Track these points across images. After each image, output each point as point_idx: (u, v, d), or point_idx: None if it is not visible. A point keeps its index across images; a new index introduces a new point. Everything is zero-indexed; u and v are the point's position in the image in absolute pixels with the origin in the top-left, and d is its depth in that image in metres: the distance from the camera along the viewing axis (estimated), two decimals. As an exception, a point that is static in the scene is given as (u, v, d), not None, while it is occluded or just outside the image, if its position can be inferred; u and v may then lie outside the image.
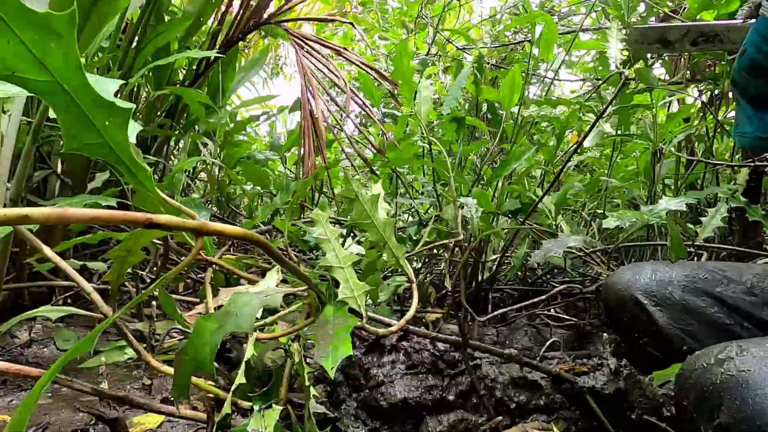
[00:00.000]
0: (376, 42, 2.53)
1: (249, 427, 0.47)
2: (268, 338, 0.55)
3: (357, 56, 1.36)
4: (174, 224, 0.29)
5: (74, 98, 0.29)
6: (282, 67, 4.09)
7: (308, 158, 1.15)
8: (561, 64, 1.46)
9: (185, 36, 1.35)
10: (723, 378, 0.34)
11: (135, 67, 1.16)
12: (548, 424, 0.60)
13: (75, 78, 0.28)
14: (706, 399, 0.35)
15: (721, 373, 0.35)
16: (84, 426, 0.61)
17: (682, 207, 0.87)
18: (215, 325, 0.43)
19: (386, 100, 1.82)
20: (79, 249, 1.11)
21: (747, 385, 0.32)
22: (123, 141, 0.31)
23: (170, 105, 1.43)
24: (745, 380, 0.33)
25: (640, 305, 0.66)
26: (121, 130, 0.31)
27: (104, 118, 0.30)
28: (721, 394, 0.34)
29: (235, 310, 0.45)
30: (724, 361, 0.35)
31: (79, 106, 0.29)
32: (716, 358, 0.36)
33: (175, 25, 1.19)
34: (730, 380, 0.34)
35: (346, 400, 0.65)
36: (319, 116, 1.20)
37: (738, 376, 0.33)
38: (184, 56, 1.13)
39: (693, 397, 0.37)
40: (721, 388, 0.34)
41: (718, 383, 0.34)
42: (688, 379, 0.39)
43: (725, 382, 0.34)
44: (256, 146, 2.13)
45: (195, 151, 1.52)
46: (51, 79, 0.27)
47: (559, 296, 1.33)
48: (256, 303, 0.47)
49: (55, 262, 0.51)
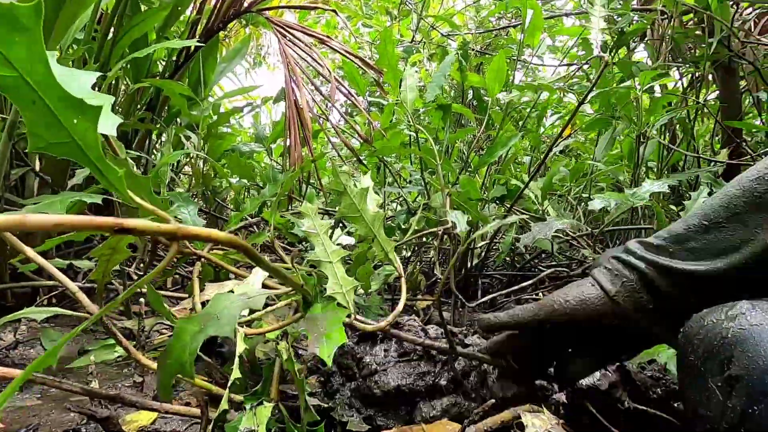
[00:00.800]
0: (359, 30, 2.50)
1: (241, 426, 0.47)
2: (255, 334, 0.54)
3: (341, 44, 1.34)
4: (146, 229, 0.27)
5: (39, 94, 0.27)
6: (265, 57, 4.02)
7: (294, 149, 1.14)
8: (545, 49, 1.46)
9: (163, 26, 1.32)
10: (734, 332, 0.35)
11: (112, 60, 1.12)
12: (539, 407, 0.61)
13: (40, 73, 0.26)
14: (715, 353, 0.36)
15: (732, 327, 0.35)
16: (75, 426, 0.61)
17: (665, 189, 0.88)
18: (195, 327, 0.42)
19: (372, 89, 1.81)
20: (62, 248, 1.09)
21: (760, 338, 0.33)
22: (92, 141, 0.29)
23: (150, 98, 1.39)
24: (758, 333, 0.34)
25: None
26: (91, 128, 0.29)
27: (72, 116, 0.28)
28: (732, 347, 0.34)
29: (216, 313, 0.44)
30: (735, 317, 0.36)
31: (45, 102, 0.27)
32: (726, 315, 0.37)
33: (152, 14, 1.15)
34: (743, 333, 0.34)
35: (340, 390, 0.65)
36: (304, 106, 1.18)
37: (750, 330, 0.34)
38: (163, 46, 1.11)
39: (702, 352, 0.37)
40: (733, 341, 0.35)
41: (729, 337, 0.35)
42: (696, 335, 0.39)
43: (736, 335, 0.35)
44: (241, 138, 2.10)
45: (178, 144, 1.49)
46: (15, 74, 0.26)
47: (546, 280, 1.35)
48: (237, 305, 0.46)
49: (38, 263, 0.49)
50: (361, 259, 0.77)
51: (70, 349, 0.85)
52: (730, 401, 0.34)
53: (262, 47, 4.02)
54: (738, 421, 0.33)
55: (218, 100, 1.66)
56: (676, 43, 1.36)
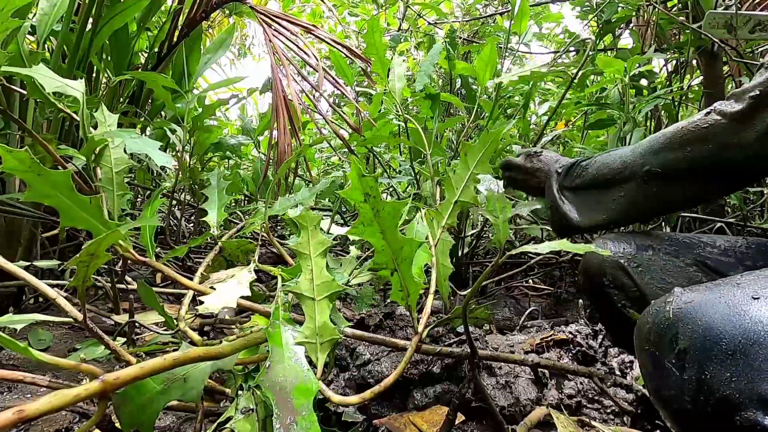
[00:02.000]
0: (345, 18, 2.47)
1: (239, 405, 0.46)
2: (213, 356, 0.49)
3: (327, 34, 1.32)
4: (60, 405, 0.27)
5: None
6: (250, 48, 3.96)
7: (283, 138, 1.12)
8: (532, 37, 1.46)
9: (144, 16, 1.28)
10: (674, 312, 0.40)
11: (92, 52, 1.09)
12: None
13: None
14: (664, 334, 0.40)
15: (671, 309, 0.40)
16: (68, 424, 0.60)
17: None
18: (160, 386, 0.40)
19: (360, 79, 1.79)
20: (47, 245, 1.07)
21: (694, 311, 0.38)
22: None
23: (133, 91, 1.36)
24: (692, 308, 0.38)
25: (622, 268, 0.68)
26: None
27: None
28: (675, 325, 0.39)
29: (183, 374, 0.41)
30: (672, 301, 0.41)
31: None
32: (665, 301, 0.42)
33: (133, 4, 1.12)
34: (681, 311, 0.39)
35: (334, 381, 0.65)
36: (293, 97, 1.17)
37: (685, 307, 0.39)
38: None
39: (653, 339, 0.41)
40: (674, 319, 0.39)
41: (671, 317, 0.40)
42: (645, 324, 0.43)
43: (676, 314, 0.39)
44: (228, 131, 2.07)
45: (163, 138, 1.46)
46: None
47: (536, 267, 1.37)
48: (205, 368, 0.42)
49: (12, 272, 0.47)
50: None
51: (59, 347, 0.83)
52: (685, 374, 0.37)
53: (247, 38, 3.95)
54: (696, 390, 0.36)
55: (203, 92, 1.63)
56: (661, 29, 1.37)
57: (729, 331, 0.35)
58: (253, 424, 0.44)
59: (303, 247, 0.47)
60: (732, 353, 0.34)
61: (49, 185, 0.45)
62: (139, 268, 1.35)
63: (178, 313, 0.60)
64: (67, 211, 0.47)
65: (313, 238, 0.47)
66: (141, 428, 0.39)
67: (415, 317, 0.48)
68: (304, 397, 0.37)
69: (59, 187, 0.46)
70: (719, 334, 0.35)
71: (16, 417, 0.25)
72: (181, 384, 0.41)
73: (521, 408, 0.60)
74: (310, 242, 0.47)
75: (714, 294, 0.39)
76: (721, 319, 0.36)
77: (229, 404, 0.52)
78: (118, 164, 0.65)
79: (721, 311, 0.36)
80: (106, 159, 0.65)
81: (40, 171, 0.44)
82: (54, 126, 1.02)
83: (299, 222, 0.48)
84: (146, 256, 0.56)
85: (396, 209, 0.43)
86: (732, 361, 0.34)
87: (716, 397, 0.34)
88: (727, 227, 1.22)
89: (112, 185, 0.63)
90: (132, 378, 0.32)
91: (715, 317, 0.36)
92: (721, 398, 0.34)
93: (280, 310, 0.44)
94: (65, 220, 0.48)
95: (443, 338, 0.71)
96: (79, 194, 0.47)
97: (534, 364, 0.60)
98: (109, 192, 0.62)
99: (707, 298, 0.38)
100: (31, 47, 1.01)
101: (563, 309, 1.17)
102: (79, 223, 0.48)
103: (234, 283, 0.56)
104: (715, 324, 0.36)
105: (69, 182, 0.47)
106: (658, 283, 0.66)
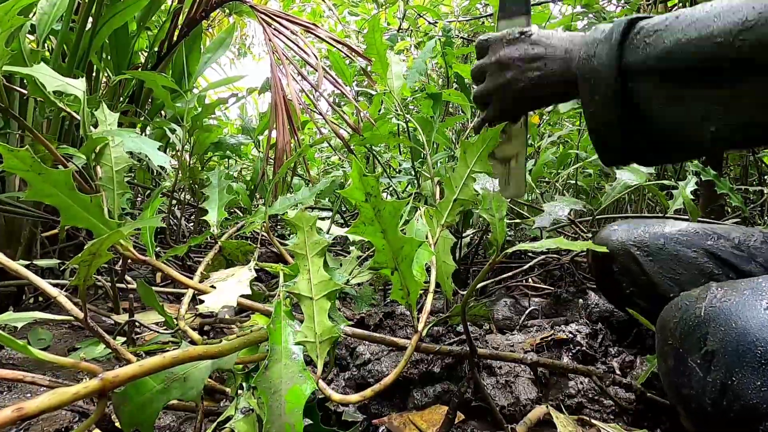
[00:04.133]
0: (345, 18, 2.47)
1: (239, 405, 0.46)
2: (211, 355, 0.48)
3: (327, 33, 1.32)
4: (59, 403, 0.27)
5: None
6: (249, 47, 3.95)
7: (282, 137, 1.12)
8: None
9: (144, 15, 1.28)
10: (707, 310, 0.38)
11: (91, 51, 1.09)
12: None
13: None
14: (692, 332, 0.38)
15: (704, 306, 0.38)
16: (68, 423, 0.60)
17: (641, 181, 0.90)
18: (159, 385, 0.40)
19: (359, 78, 1.79)
20: (47, 245, 1.07)
21: (729, 313, 0.36)
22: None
23: (133, 90, 1.36)
24: (727, 308, 0.36)
25: (632, 256, 0.68)
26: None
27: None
28: (706, 324, 0.37)
29: (183, 374, 0.41)
30: (706, 297, 0.39)
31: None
32: (698, 296, 0.40)
33: (133, 3, 1.12)
34: (714, 311, 0.37)
35: (334, 380, 0.65)
36: (293, 97, 1.17)
37: (721, 306, 0.37)
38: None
39: (679, 335, 0.39)
40: (706, 319, 0.37)
41: (703, 315, 0.38)
42: (672, 319, 0.41)
43: (709, 313, 0.37)
44: (227, 130, 2.07)
45: (163, 137, 1.46)
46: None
47: (536, 267, 1.37)
48: (205, 367, 0.42)
49: (14, 270, 0.48)
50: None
51: (59, 347, 0.83)
52: (709, 376, 0.35)
53: (247, 37, 3.95)
54: (719, 393, 0.34)
55: (203, 92, 1.63)
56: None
57: (766, 338, 0.33)
58: (253, 424, 0.43)
59: (300, 247, 0.47)
60: (766, 362, 0.33)
61: (50, 184, 0.45)
62: (139, 267, 1.35)
63: (178, 313, 0.60)
64: (68, 210, 0.47)
65: (309, 239, 0.47)
66: (141, 428, 0.39)
67: (415, 316, 0.48)
68: (297, 401, 0.37)
69: (60, 186, 0.46)
70: (755, 341, 0.34)
71: (15, 415, 0.25)
72: (181, 383, 0.41)
73: (521, 407, 0.61)
74: (306, 243, 0.47)
75: (753, 297, 0.36)
76: (759, 325, 0.34)
77: (229, 404, 0.52)
78: (119, 163, 0.65)
79: (759, 316, 0.35)
80: (106, 158, 0.65)
81: (40, 170, 0.44)
82: (54, 125, 1.02)
83: (295, 223, 0.47)
84: (146, 255, 0.56)
85: (397, 209, 0.43)
86: (765, 370, 0.33)
87: (741, 403, 0.33)
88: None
89: (113, 184, 0.63)
90: (131, 376, 0.32)
91: (752, 322, 0.34)
92: (747, 405, 0.33)
93: (282, 306, 0.44)
94: (66, 219, 0.48)
95: (443, 338, 0.71)
96: (79, 193, 0.47)
97: (533, 362, 0.60)
98: (109, 191, 0.62)
99: (745, 300, 0.36)
100: (31, 46, 1.01)
101: (563, 308, 1.17)
102: (80, 222, 0.48)
103: (234, 281, 0.55)
104: (751, 329, 0.34)
105: (70, 181, 0.47)
106: (667, 273, 0.65)
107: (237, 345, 0.42)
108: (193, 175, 1.43)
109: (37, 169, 0.44)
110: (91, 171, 0.65)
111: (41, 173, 0.44)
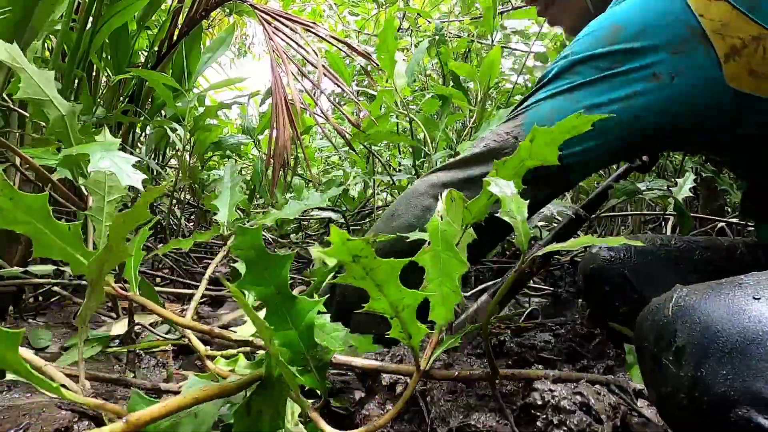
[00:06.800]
0: (346, 18, 2.47)
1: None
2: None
3: (327, 32, 1.32)
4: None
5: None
6: (250, 47, 3.96)
7: (283, 133, 1.12)
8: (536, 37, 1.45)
9: (144, 15, 1.28)
10: (674, 309, 0.40)
11: (91, 50, 1.09)
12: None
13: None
14: (663, 332, 0.40)
15: (671, 306, 0.40)
16: (68, 423, 0.60)
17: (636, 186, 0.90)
18: (169, 421, 0.38)
19: (359, 78, 1.79)
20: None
21: (693, 309, 0.38)
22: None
23: (133, 89, 1.36)
24: (691, 305, 0.39)
25: (623, 276, 0.69)
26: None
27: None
28: (674, 322, 0.39)
29: (194, 410, 0.38)
30: (672, 298, 0.41)
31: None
32: (666, 298, 0.42)
33: (133, 3, 1.12)
34: (681, 308, 0.39)
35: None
36: (295, 99, 1.17)
37: (685, 304, 0.39)
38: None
39: (653, 337, 0.41)
40: (674, 317, 0.39)
41: (671, 314, 0.40)
42: (645, 321, 0.43)
43: (676, 311, 0.40)
44: (228, 130, 2.07)
45: (163, 137, 1.46)
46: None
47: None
48: (216, 404, 0.40)
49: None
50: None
51: (55, 346, 0.83)
52: (681, 371, 0.37)
53: (247, 37, 3.95)
54: (692, 386, 0.36)
55: (204, 92, 1.63)
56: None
57: (727, 329, 0.35)
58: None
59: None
60: (729, 351, 0.34)
61: (22, 211, 0.38)
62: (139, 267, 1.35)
63: (184, 320, 0.59)
64: (42, 239, 0.40)
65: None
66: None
67: (417, 356, 0.44)
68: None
69: (34, 213, 0.39)
70: (717, 332, 0.36)
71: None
72: (192, 419, 0.40)
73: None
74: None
75: (714, 293, 0.39)
76: (720, 318, 0.36)
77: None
78: (112, 193, 0.58)
79: (720, 310, 0.37)
80: (99, 186, 0.58)
81: (12, 195, 0.37)
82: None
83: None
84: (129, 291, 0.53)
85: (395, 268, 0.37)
86: (728, 359, 0.34)
87: (711, 394, 0.34)
88: (727, 227, 1.22)
89: (102, 215, 0.56)
90: (155, 417, 0.32)
91: (714, 315, 0.37)
92: (717, 396, 0.34)
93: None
94: (39, 249, 0.41)
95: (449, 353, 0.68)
96: (57, 222, 0.41)
97: (555, 378, 0.58)
98: (97, 222, 0.56)
99: (707, 296, 0.39)
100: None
101: (563, 309, 1.16)
102: (56, 253, 0.42)
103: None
104: (713, 322, 0.36)
105: (46, 208, 0.40)
106: (659, 293, 0.66)
107: (247, 381, 0.41)
108: (193, 175, 1.43)
109: (8, 194, 0.37)
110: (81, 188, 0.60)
111: (12, 198, 0.37)
